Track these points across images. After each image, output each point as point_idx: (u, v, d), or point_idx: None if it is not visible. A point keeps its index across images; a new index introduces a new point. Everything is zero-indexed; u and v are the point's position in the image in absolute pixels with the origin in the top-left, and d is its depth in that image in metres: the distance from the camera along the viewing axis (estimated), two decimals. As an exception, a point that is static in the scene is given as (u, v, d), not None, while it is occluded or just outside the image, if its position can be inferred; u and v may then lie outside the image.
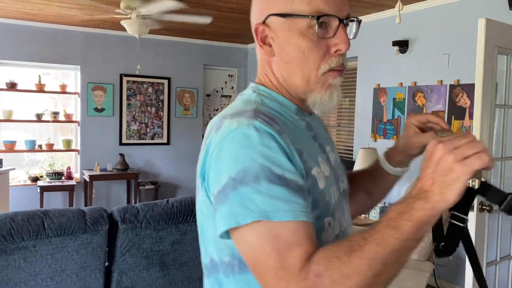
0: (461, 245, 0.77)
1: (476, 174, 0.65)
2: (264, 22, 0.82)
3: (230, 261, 0.76)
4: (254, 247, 0.67)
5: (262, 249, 0.65)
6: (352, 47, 0.91)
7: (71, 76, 5.68)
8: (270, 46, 0.83)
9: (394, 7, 4.05)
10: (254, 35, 0.85)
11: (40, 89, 5.34)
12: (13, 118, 5.25)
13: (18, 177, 5.39)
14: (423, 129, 0.96)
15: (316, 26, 0.79)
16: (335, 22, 0.79)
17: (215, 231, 0.74)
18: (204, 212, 0.80)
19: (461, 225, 0.71)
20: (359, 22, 0.86)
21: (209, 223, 0.78)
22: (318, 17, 0.78)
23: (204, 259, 0.84)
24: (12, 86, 5.17)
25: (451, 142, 0.66)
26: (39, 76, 5.32)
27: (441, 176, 0.65)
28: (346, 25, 0.82)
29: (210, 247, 0.80)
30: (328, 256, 0.63)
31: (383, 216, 0.66)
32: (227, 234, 0.70)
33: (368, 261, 0.62)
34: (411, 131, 0.97)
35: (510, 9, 3.07)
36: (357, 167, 3.90)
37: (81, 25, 5.22)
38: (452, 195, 0.63)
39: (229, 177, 0.68)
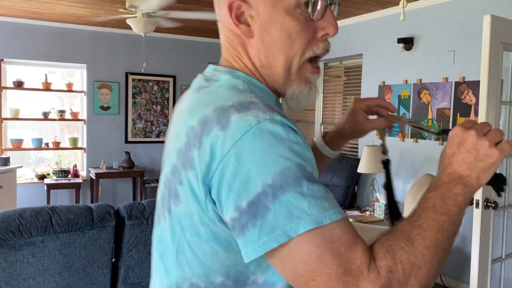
0: (469, 241, 0.80)
1: None
2: None
3: (223, 282, 0.66)
4: (308, 259, 0.57)
5: (320, 259, 0.56)
6: (357, 44, 0.93)
7: (77, 75, 5.72)
8: (248, 25, 0.71)
9: (399, 5, 4.04)
10: (226, 11, 0.72)
11: (47, 87, 5.39)
12: (20, 116, 5.29)
13: (25, 175, 5.43)
14: (367, 113, 0.99)
15: (310, 6, 0.70)
16: (323, 3, 0.70)
17: (208, 248, 0.65)
18: (187, 228, 0.66)
19: None
20: (339, 4, 0.78)
21: (199, 241, 0.65)
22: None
23: (180, 283, 0.70)
24: (19, 85, 5.21)
25: (480, 128, 0.67)
26: (46, 74, 5.36)
27: (477, 161, 0.66)
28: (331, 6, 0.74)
29: (193, 269, 0.67)
30: (391, 250, 0.59)
31: (422, 203, 0.65)
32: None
33: (433, 249, 0.60)
34: (360, 116, 0.98)
35: (516, 6, 3.05)
36: (362, 165, 3.90)
37: (87, 24, 5.25)
38: (486, 179, 0.66)
39: (265, 184, 0.57)
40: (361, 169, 3.91)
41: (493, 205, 2.50)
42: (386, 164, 0.97)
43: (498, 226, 2.72)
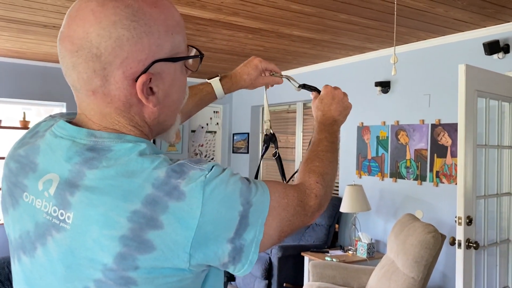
0: (450, 280, 0.88)
1: None
2: (146, 71, 0.68)
3: None
4: (275, 226, 0.72)
5: (279, 218, 0.73)
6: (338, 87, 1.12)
7: (53, 112, 5.62)
8: (154, 95, 0.70)
9: (376, 50, 4.25)
10: (126, 86, 0.68)
11: (25, 126, 5.30)
12: (-4, 155, 5.16)
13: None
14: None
15: (199, 63, 0.77)
16: (199, 60, 0.79)
17: None
18: None
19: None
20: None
21: None
22: (201, 55, 0.76)
23: None
24: (-5, 123, 5.11)
25: (338, 88, 1.07)
26: (24, 113, 5.28)
27: (342, 109, 1.05)
28: None
29: None
30: (311, 170, 0.86)
31: (317, 135, 0.98)
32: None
33: (332, 163, 0.92)
34: (259, 72, 1.16)
35: (486, 54, 3.27)
36: (344, 204, 3.97)
37: (69, 63, 5.26)
38: (345, 120, 1.06)
39: (239, 212, 0.67)
40: (343, 208, 3.98)
41: (474, 245, 2.59)
42: (271, 138, 1.19)
43: (479, 264, 2.80)
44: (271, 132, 1.17)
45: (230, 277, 4.25)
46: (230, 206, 0.66)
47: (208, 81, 1.16)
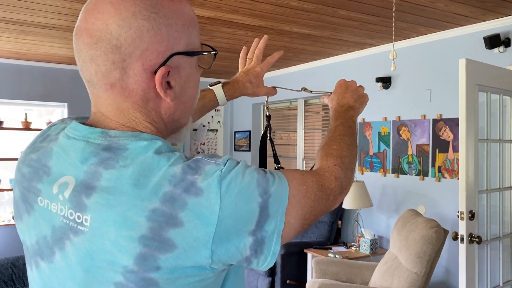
0: (453, 275, 0.87)
1: None
2: (165, 64, 0.69)
3: None
4: (295, 214, 0.70)
5: (300, 206, 0.71)
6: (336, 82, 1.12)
7: (55, 112, 5.67)
8: (171, 89, 0.71)
9: (376, 46, 4.24)
10: (145, 78, 0.69)
11: (26, 126, 5.31)
12: (-2, 156, 5.18)
13: (2, 216, 5.27)
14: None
15: (212, 60, 0.78)
16: (214, 56, 0.80)
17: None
18: None
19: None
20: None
21: None
22: (215, 51, 0.77)
23: None
24: (-2, 124, 5.13)
25: (352, 80, 1.10)
26: (26, 114, 5.30)
27: (358, 97, 1.05)
28: None
29: None
30: (329, 154, 0.85)
31: (333, 122, 0.97)
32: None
33: (350, 146, 0.89)
34: (261, 81, 1.18)
35: (487, 48, 3.26)
36: (346, 200, 3.97)
37: (69, 63, 5.26)
38: (363, 109, 1.07)
39: (258, 204, 0.66)
40: (346, 204, 3.98)
41: (477, 239, 2.59)
42: (268, 118, 1.20)
43: (482, 259, 2.79)
44: (268, 113, 1.21)
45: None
46: (249, 198, 0.65)
47: (210, 87, 1.15)
